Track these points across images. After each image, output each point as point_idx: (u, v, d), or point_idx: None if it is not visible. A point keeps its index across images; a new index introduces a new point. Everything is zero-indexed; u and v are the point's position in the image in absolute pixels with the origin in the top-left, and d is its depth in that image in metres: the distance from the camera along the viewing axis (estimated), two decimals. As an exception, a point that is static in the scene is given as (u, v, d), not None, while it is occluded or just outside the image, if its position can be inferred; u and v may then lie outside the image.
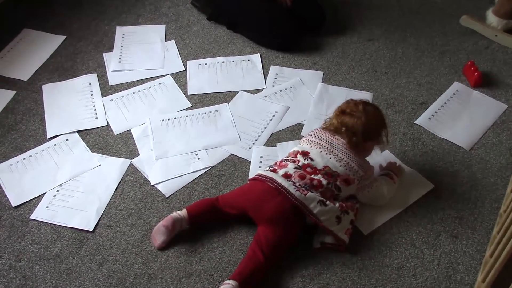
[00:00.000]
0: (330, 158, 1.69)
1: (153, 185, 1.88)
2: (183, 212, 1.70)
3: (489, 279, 1.46)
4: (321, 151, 1.70)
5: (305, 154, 1.71)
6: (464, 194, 1.82)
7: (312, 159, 1.69)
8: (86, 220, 1.78)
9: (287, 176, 1.66)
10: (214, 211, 1.71)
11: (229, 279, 1.53)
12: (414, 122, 2.07)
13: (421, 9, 2.63)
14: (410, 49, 2.40)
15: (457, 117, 2.09)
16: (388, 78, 2.27)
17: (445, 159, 1.94)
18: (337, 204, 1.64)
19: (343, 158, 1.68)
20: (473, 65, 2.22)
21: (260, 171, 1.74)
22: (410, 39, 2.46)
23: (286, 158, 1.74)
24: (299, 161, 1.70)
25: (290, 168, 1.68)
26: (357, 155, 1.70)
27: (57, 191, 1.87)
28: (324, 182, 1.65)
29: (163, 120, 2.10)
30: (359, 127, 1.69)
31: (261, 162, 1.94)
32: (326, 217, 1.61)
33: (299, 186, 1.63)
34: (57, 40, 2.49)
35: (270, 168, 1.72)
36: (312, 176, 1.66)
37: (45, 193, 1.87)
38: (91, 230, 1.76)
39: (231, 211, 1.69)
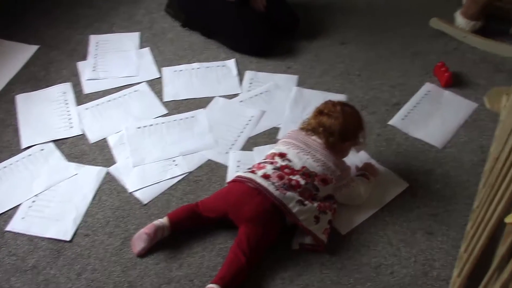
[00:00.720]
0: (308, 158, 1.70)
1: (131, 193, 1.88)
2: (164, 220, 1.69)
3: (464, 273, 1.49)
4: (298, 152, 1.72)
5: (282, 155, 1.73)
6: (438, 191, 1.86)
7: (289, 160, 1.71)
8: (63, 229, 1.76)
9: (266, 176, 1.67)
10: (195, 217, 1.71)
11: (211, 283, 1.53)
12: (388, 123, 2.11)
13: (392, 12, 2.68)
14: (382, 52, 2.45)
15: (430, 117, 2.13)
16: (362, 81, 2.30)
17: (419, 158, 1.97)
18: (315, 204, 1.66)
19: (320, 158, 1.70)
20: (444, 65, 2.27)
21: (239, 173, 1.75)
22: (382, 41, 2.50)
23: (264, 160, 1.75)
24: (277, 162, 1.71)
25: (269, 169, 1.69)
26: (334, 155, 1.73)
27: (33, 201, 1.85)
28: (302, 182, 1.67)
29: (139, 128, 2.10)
30: (336, 128, 1.71)
31: (238, 166, 1.95)
32: (305, 217, 1.63)
33: (278, 185, 1.65)
34: (30, 49, 2.47)
35: (249, 170, 1.73)
36: (290, 176, 1.68)
37: (21, 204, 1.84)
38: (69, 239, 1.74)
39: (211, 214, 1.69)
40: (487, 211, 1.47)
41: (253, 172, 1.71)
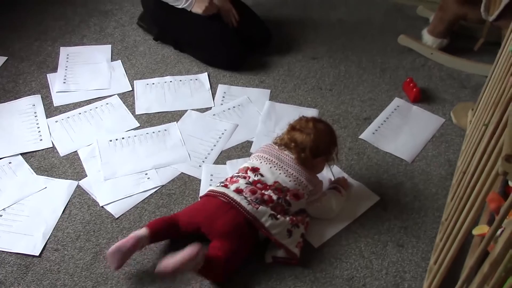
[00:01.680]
0: (280, 173, 1.72)
1: (102, 206, 1.85)
2: (143, 230, 1.65)
3: (434, 285, 1.52)
4: (270, 167, 1.73)
5: (255, 170, 1.74)
6: (408, 204, 1.90)
7: (262, 175, 1.72)
8: (32, 244, 1.72)
9: (238, 191, 1.67)
10: (174, 228, 1.68)
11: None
12: (359, 137, 2.14)
13: (361, 29, 2.74)
14: (353, 67, 2.50)
15: (399, 131, 2.18)
16: (333, 95, 2.34)
17: (389, 172, 2.01)
18: (287, 218, 1.67)
19: (292, 173, 1.72)
20: (412, 81, 2.33)
21: (212, 187, 1.75)
22: (352, 57, 2.55)
23: (237, 174, 1.76)
24: (249, 177, 1.72)
25: (241, 183, 1.70)
26: (306, 170, 1.74)
27: (0, 215, 1.81)
28: (275, 197, 1.68)
29: (110, 140, 2.08)
30: (308, 143, 1.73)
31: (211, 180, 1.94)
32: (278, 231, 1.63)
33: (250, 200, 1.65)
34: (-3, 60, 2.43)
35: (222, 184, 1.73)
36: (263, 191, 1.69)
37: (-12, 218, 1.80)
38: (38, 254, 1.70)
39: (185, 229, 1.68)
40: (455, 223, 1.50)
41: (225, 186, 1.71)
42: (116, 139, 2.08)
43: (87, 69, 2.42)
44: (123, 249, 1.60)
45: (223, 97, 2.31)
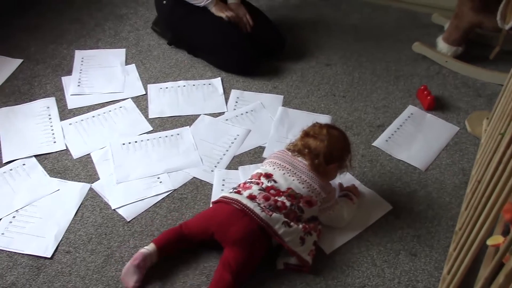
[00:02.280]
0: (293, 180, 1.71)
1: (114, 210, 1.85)
2: (151, 247, 1.64)
3: (447, 295, 1.50)
4: (284, 173, 1.72)
5: (268, 176, 1.73)
6: (421, 213, 1.88)
7: (275, 181, 1.71)
8: (44, 246, 1.73)
9: (252, 197, 1.66)
10: (181, 239, 1.68)
11: None
12: (372, 144, 2.13)
13: (376, 35, 2.73)
14: (367, 74, 2.49)
15: (413, 139, 2.16)
16: (346, 102, 2.33)
17: (402, 180, 1.99)
18: (300, 225, 1.66)
19: (305, 180, 1.71)
20: (426, 89, 2.31)
21: (224, 193, 1.74)
22: (366, 64, 2.54)
23: (249, 180, 1.75)
24: (262, 183, 1.71)
25: (254, 189, 1.68)
26: (319, 177, 1.73)
27: (13, 217, 1.82)
28: (288, 203, 1.67)
29: (123, 144, 2.08)
30: (322, 150, 1.72)
31: (223, 185, 1.94)
32: (291, 238, 1.62)
33: (264, 207, 1.64)
34: (13, 63, 2.45)
35: (234, 190, 1.72)
36: (276, 197, 1.67)
37: (1, 219, 1.81)
38: (49, 256, 1.71)
39: (197, 236, 1.67)
40: (470, 233, 1.48)
41: (238, 192, 1.70)
42: (129, 143, 2.09)
43: (101, 72, 2.43)
44: (131, 269, 1.59)
45: (236, 102, 2.31)
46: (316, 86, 2.41)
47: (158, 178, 1.96)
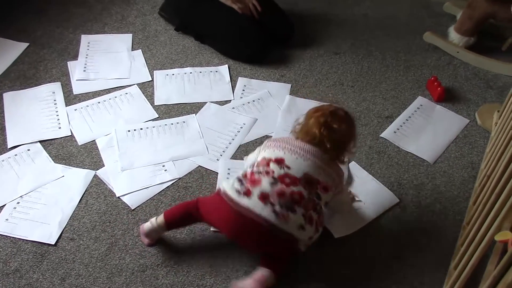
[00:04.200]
0: (308, 164, 1.56)
1: (118, 197, 1.84)
2: (159, 220, 1.65)
3: (454, 290, 1.48)
4: (297, 158, 1.57)
5: (279, 162, 1.57)
6: (428, 207, 1.86)
7: (288, 167, 1.55)
8: (48, 233, 1.72)
9: (264, 196, 1.51)
10: (193, 220, 1.66)
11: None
12: (380, 135, 2.10)
13: (386, 25, 2.69)
14: (376, 64, 2.45)
15: (421, 130, 2.13)
16: (355, 92, 2.30)
17: (410, 172, 1.97)
18: (313, 227, 1.56)
19: (320, 165, 1.58)
20: (436, 80, 2.28)
21: (232, 191, 1.56)
22: (376, 53, 2.50)
23: (257, 170, 1.58)
24: (273, 171, 1.55)
25: (265, 185, 1.53)
26: (333, 162, 1.62)
27: (18, 203, 1.81)
28: (305, 193, 1.54)
29: (129, 131, 2.06)
30: (342, 143, 1.62)
31: (228, 174, 1.92)
32: (302, 238, 1.56)
33: (279, 210, 1.50)
34: (19, 47, 2.43)
35: (244, 190, 1.54)
36: (292, 188, 1.53)
37: (5, 205, 1.80)
38: (53, 243, 1.70)
39: (210, 225, 1.67)
40: (479, 229, 1.46)
41: (248, 193, 1.53)
42: (135, 130, 2.07)
43: (107, 57, 2.41)
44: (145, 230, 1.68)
45: (243, 90, 2.28)
46: (324, 75, 2.38)
47: (163, 166, 1.95)
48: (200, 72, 2.36)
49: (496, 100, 2.26)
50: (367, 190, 1.88)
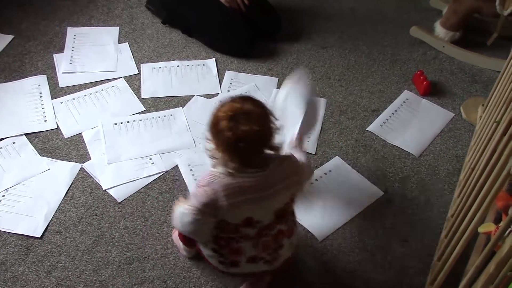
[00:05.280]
0: (273, 199, 1.32)
1: (105, 190, 1.84)
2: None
3: (437, 282, 1.50)
4: (260, 204, 1.31)
5: (249, 223, 1.33)
6: (414, 199, 1.88)
7: (259, 221, 1.34)
8: (33, 226, 1.72)
9: (253, 259, 1.39)
10: None
11: None
12: (366, 129, 2.12)
13: (373, 19, 2.69)
14: (363, 58, 2.46)
15: (407, 124, 2.15)
16: (342, 85, 2.31)
17: (395, 165, 1.99)
18: (295, 233, 1.48)
19: (280, 187, 1.32)
20: (422, 74, 2.29)
21: (217, 264, 1.44)
22: (363, 47, 2.51)
23: (228, 236, 1.36)
24: (247, 234, 1.35)
25: (248, 249, 1.37)
26: (279, 164, 1.33)
27: (3, 196, 1.80)
28: (284, 227, 1.40)
29: (115, 124, 2.06)
30: (267, 135, 1.28)
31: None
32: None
33: (270, 258, 1.41)
34: (4, 39, 2.40)
35: (228, 261, 1.42)
36: (271, 233, 1.37)
37: (-10, 198, 1.79)
38: (39, 236, 1.69)
39: None
40: (462, 221, 1.48)
41: (235, 263, 1.41)
42: (121, 123, 2.06)
43: (93, 50, 2.39)
44: None
45: (230, 83, 2.28)
46: (311, 68, 2.38)
47: (150, 159, 1.94)
48: (188, 65, 2.35)
49: (481, 94, 2.28)
50: (351, 184, 1.89)
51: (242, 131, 1.21)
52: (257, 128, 1.22)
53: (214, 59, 2.38)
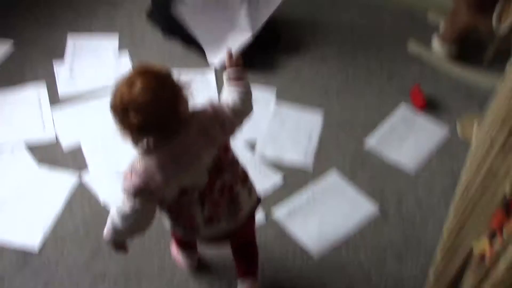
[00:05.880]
0: (194, 162, 1.25)
1: (103, 201, 1.84)
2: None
3: (432, 300, 1.52)
4: (189, 170, 1.26)
5: (185, 192, 1.30)
6: (409, 215, 1.89)
7: (193, 187, 1.30)
8: (30, 238, 1.72)
9: (210, 220, 1.37)
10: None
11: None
12: (363, 144, 2.13)
13: (372, 32, 2.71)
14: (361, 71, 2.47)
15: (404, 139, 2.16)
16: (339, 99, 2.32)
17: (391, 181, 2.00)
18: (253, 189, 1.46)
19: (203, 144, 1.27)
20: (419, 89, 2.31)
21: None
22: (361, 61, 2.53)
23: (179, 206, 1.36)
24: (190, 200, 1.33)
25: (199, 213, 1.35)
26: (201, 118, 1.31)
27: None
28: (226, 176, 1.34)
29: (115, 133, 2.06)
30: (165, 118, 1.22)
31: (213, 179, 1.93)
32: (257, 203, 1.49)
33: (228, 214, 1.39)
34: (4, 46, 2.40)
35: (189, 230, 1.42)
36: (216, 188, 1.33)
37: (-13, 208, 1.79)
38: (36, 249, 1.70)
39: None
40: (458, 238, 1.49)
41: (195, 228, 1.38)
42: (120, 133, 2.06)
43: (93, 59, 2.39)
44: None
45: (229, 95, 2.29)
46: (309, 81, 2.40)
47: (148, 171, 1.95)
48: (186, 75, 2.35)
49: (477, 110, 2.29)
50: (347, 200, 1.91)
51: (129, 100, 1.20)
52: (144, 98, 1.18)
53: (213, 70, 2.39)
